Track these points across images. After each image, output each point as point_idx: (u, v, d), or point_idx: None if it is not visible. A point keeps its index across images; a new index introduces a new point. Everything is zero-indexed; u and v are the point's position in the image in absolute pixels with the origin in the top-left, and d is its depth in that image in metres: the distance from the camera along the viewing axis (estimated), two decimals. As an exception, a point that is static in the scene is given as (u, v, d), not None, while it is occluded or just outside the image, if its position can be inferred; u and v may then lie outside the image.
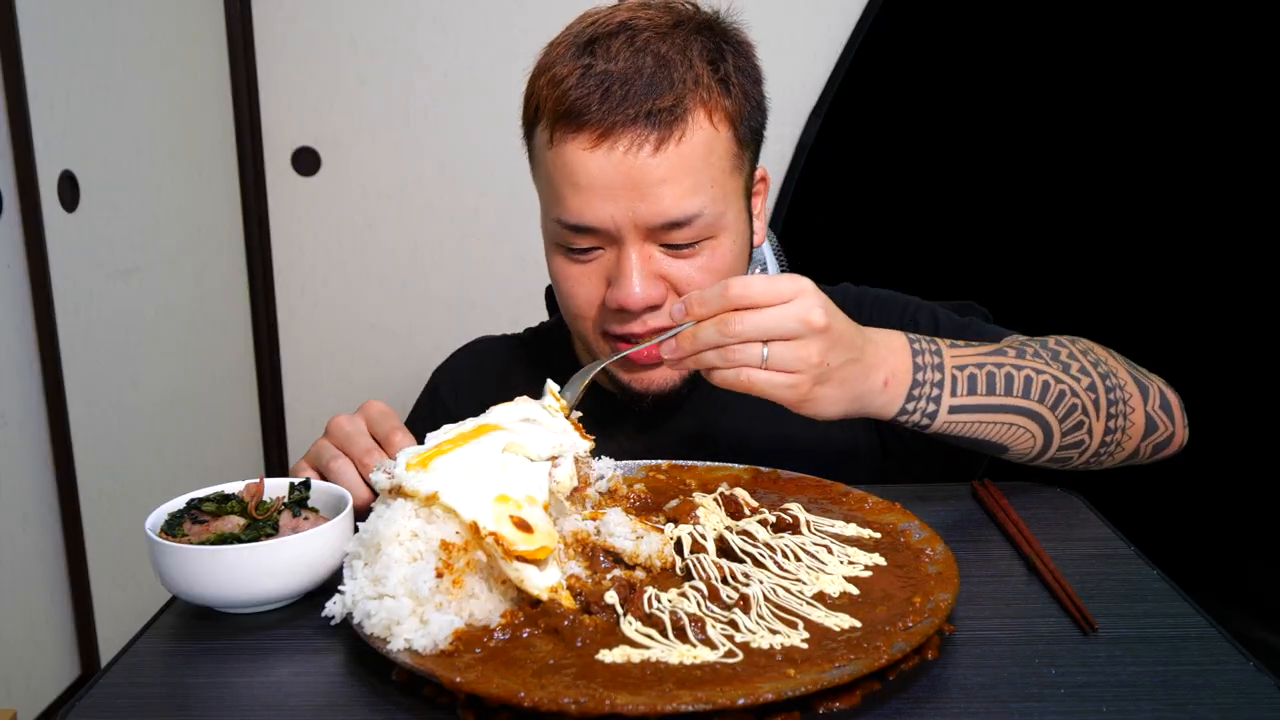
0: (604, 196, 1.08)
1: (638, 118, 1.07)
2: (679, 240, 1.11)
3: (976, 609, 0.85)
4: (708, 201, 1.10)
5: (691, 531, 0.91)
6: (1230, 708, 0.72)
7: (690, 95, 1.09)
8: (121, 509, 2.18)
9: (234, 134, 2.72)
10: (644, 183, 1.07)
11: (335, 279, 2.87)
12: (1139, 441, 1.14)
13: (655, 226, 1.09)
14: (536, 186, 1.20)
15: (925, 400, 1.03)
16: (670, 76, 1.08)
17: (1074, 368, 1.10)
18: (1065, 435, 1.09)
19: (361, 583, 0.81)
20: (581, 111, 1.07)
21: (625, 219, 1.09)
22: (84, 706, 0.76)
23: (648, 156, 1.07)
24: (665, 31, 1.11)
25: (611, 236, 1.10)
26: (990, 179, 2.83)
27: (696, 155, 1.09)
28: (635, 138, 1.07)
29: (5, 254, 1.89)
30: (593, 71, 1.08)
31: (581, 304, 1.16)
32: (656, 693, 0.69)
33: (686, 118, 1.09)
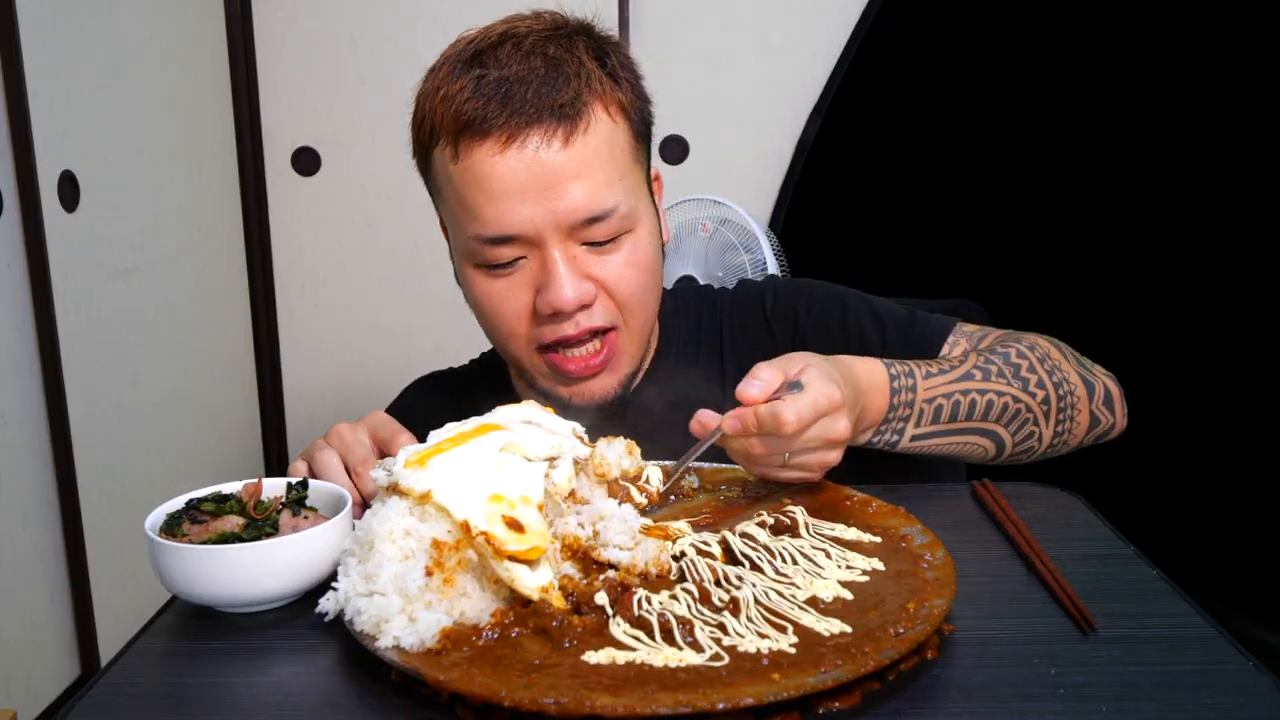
0: (520, 199, 1.08)
1: (542, 114, 1.07)
2: (599, 236, 1.11)
3: (976, 609, 0.85)
4: (621, 194, 1.11)
5: (694, 541, 0.90)
6: (1230, 708, 0.71)
7: (586, 90, 1.10)
8: (121, 509, 2.18)
9: (234, 134, 2.72)
10: (558, 180, 1.08)
11: (335, 279, 2.87)
12: (1083, 436, 1.21)
13: (575, 224, 1.09)
14: (442, 214, 1.19)
15: (890, 433, 1.11)
16: (565, 73, 1.09)
17: (1032, 381, 1.16)
18: (1016, 445, 1.17)
19: (354, 580, 0.81)
20: (484, 118, 1.07)
21: (545, 220, 1.09)
22: (84, 706, 0.76)
23: (558, 151, 1.07)
24: (549, 35, 1.13)
25: (532, 241, 1.10)
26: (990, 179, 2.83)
27: (603, 147, 1.10)
28: (544, 133, 1.07)
29: (5, 254, 1.89)
30: (486, 80, 1.09)
31: (510, 320, 1.15)
32: (638, 695, 0.69)
33: (587, 111, 1.09)
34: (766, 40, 2.60)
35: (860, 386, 1.05)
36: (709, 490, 1.07)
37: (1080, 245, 2.91)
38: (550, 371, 1.18)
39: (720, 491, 1.06)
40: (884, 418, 1.09)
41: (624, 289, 1.14)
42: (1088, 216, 2.92)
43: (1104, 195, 2.90)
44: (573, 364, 1.16)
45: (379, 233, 2.83)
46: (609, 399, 1.19)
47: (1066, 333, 1.22)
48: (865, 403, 1.06)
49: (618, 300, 1.15)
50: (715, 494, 1.06)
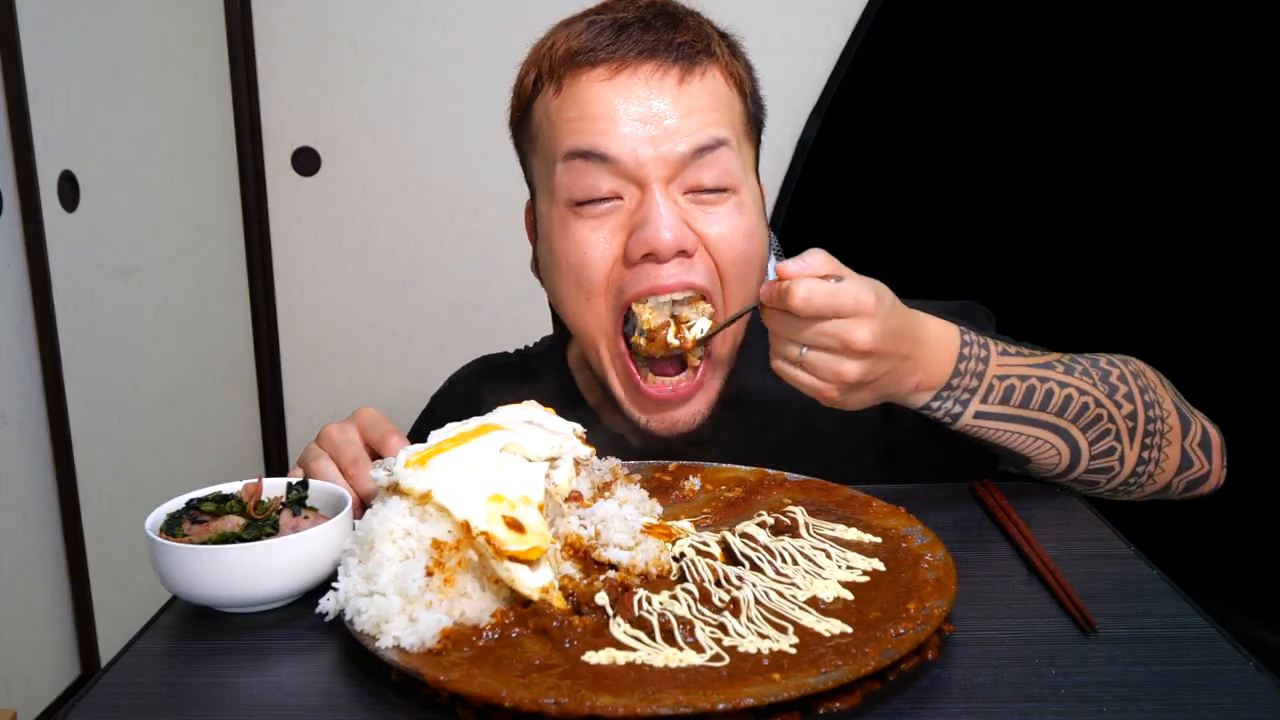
0: (623, 124, 1.02)
1: (658, 48, 1.03)
2: (705, 183, 1.05)
3: (976, 609, 0.85)
4: (730, 139, 1.05)
5: (694, 541, 0.90)
6: (1230, 708, 0.72)
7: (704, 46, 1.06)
8: (121, 509, 2.18)
9: (234, 134, 2.72)
10: (667, 114, 1.02)
11: (335, 279, 2.87)
12: (1172, 476, 1.12)
13: (680, 158, 1.03)
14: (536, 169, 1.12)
15: (952, 402, 1.02)
16: (686, 24, 1.06)
17: (1120, 392, 1.08)
18: (1094, 459, 1.07)
19: (355, 580, 0.81)
20: (593, 48, 1.03)
21: (647, 154, 1.02)
22: (84, 706, 0.76)
23: (672, 86, 1.02)
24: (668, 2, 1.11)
25: (632, 176, 1.03)
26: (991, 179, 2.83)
27: (718, 99, 1.05)
28: (658, 66, 1.02)
29: (5, 254, 1.89)
30: (601, 19, 1.05)
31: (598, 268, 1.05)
32: (638, 695, 0.69)
33: (704, 61, 1.05)
34: (766, 40, 2.59)
35: (922, 339, 0.99)
36: (709, 490, 1.07)
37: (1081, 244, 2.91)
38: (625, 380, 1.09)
39: (720, 491, 1.06)
40: (947, 383, 1.00)
41: (726, 250, 1.06)
42: (1088, 216, 2.92)
43: (1104, 194, 2.90)
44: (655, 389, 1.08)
45: (379, 233, 2.83)
46: (694, 425, 1.11)
47: (1066, 332, 1.21)
48: (925, 356, 0.99)
49: (719, 261, 1.06)
50: (715, 494, 1.06)
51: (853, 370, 0.94)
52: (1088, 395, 1.07)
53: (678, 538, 0.92)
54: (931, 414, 1.04)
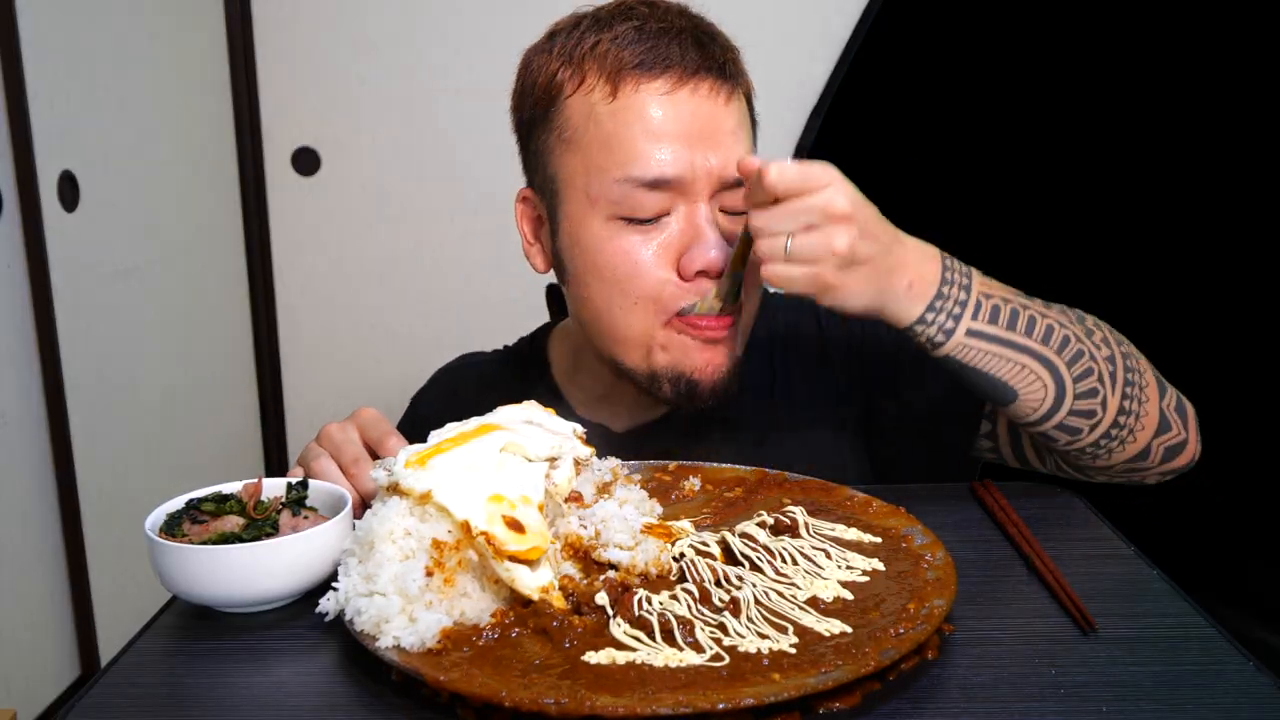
0: (684, 143, 1.05)
1: (712, 65, 1.06)
2: (738, 205, 1.08)
3: (976, 609, 0.85)
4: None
5: (693, 541, 0.90)
6: (1230, 708, 0.72)
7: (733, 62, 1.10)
8: (121, 509, 2.18)
9: (234, 134, 2.72)
10: (718, 131, 1.06)
11: (335, 279, 2.87)
12: (1151, 437, 1.09)
13: (728, 180, 1.07)
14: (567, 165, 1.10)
15: (945, 315, 1.01)
16: (718, 39, 1.10)
17: (1096, 336, 1.07)
18: (1078, 399, 1.04)
19: (354, 580, 0.81)
20: (653, 59, 1.04)
21: (702, 169, 1.06)
22: (84, 706, 0.76)
23: (723, 105, 1.07)
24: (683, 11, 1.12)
25: (685, 191, 1.06)
26: (991, 179, 2.83)
27: (746, 118, 1.11)
28: (714, 84, 1.06)
29: (5, 254, 1.89)
30: (647, 28, 1.06)
31: (650, 280, 1.08)
32: (639, 695, 0.69)
33: (737, 79, 1.10)
34: (767, 40, 2.59)
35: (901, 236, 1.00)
36: (709, 490, 1.07)
37: (1080, 244, 2.91)
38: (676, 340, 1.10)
39: (720, 491, 1.06)
40: (938, 291, 1.00)
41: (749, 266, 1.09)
42: (1089, 216, 2.92)
43: (1105, 194, 2.90)
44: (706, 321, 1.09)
45: (379, 233, 2.83)
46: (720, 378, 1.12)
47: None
48: (908, 257, 0.99)
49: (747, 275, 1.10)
50: (715, 494, 1.06)
51: (841, 239, 0.94)
52: (1068, 330, 1.05)
53: (678, 538, 0.92)
54: (924, 330, 1.01)
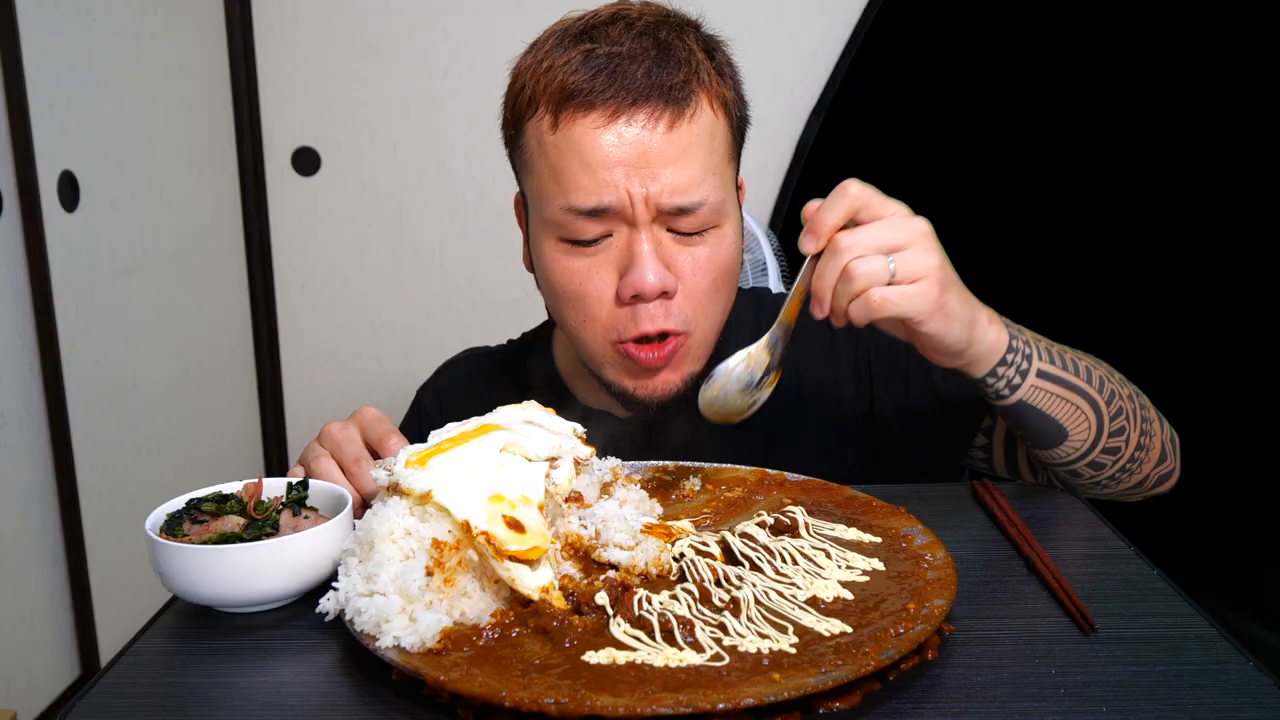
0: (619, 173, 1.05)
1: (651, 93, 1.05)
2: (687, 227, 1.09)
3: (976, 609, 0.85)
4: (713, 187, 1.09)
5: (693, 541, 0.90)
6: (1230, 708, 0.72)
7: (695, 78, 1.08)
8: (121, 509, 2.18)
9: (234, 134, 2.72)
10: (658, 160, 1.06)
11: (335, 279, 2.87)
12: (1152, 467, 1.14)
13: (667, 209, 1.07)
14: (528, 186, 1.16)
15: (1020, 357, 1.01)
16: (676, 57, 1.08)
17: (1116, 376, 1.11)
18: (1110, 436, 1.08)
19: (355, 580, 0.81)
20: (591, 90, 1.05)
21: (639, 196, 1.06)
22: (84, 706, 0.76)
23: (663, 134, 1.06)
24: (660, 20, 1.11)
25: (624, 217, 1.08)
26: (991, 179, 2.84)
27: (704, 138, 1.08)
28: (651, 113, 1.05)
29: (5, 254, 1.89)
30: (596, 54, 1.07)
31: (592, 302, 1.12)
32: (639, 695, 0.69)
33: (694, 99, 1.08)
34: (767, 40, 2.60)
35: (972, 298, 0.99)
36: (709, 490, 1.07)
37: (1080, 243, 2.91)
38: (620, 360, 1.14)
39: (720, 491, 1.06)
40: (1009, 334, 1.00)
41: (701, 284, 1.11)
42: (1089, 216, 2.92)
43: (1105, 194, 2.90)
44: (644, 352, 1.12)
45: (379, 233, 2.83)
46: (671, 395, 1.15)
47: (1065, 331, 1.21)
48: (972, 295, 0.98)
49: (694, 296, 1.12)
50: (715, 494, 1.06)
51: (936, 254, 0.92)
52: (1098, 369, 1.09)
53: (678, 538, 0.92)
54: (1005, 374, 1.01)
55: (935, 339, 0.95)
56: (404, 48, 2.71)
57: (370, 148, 2.78)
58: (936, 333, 0.94)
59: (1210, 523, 2.77)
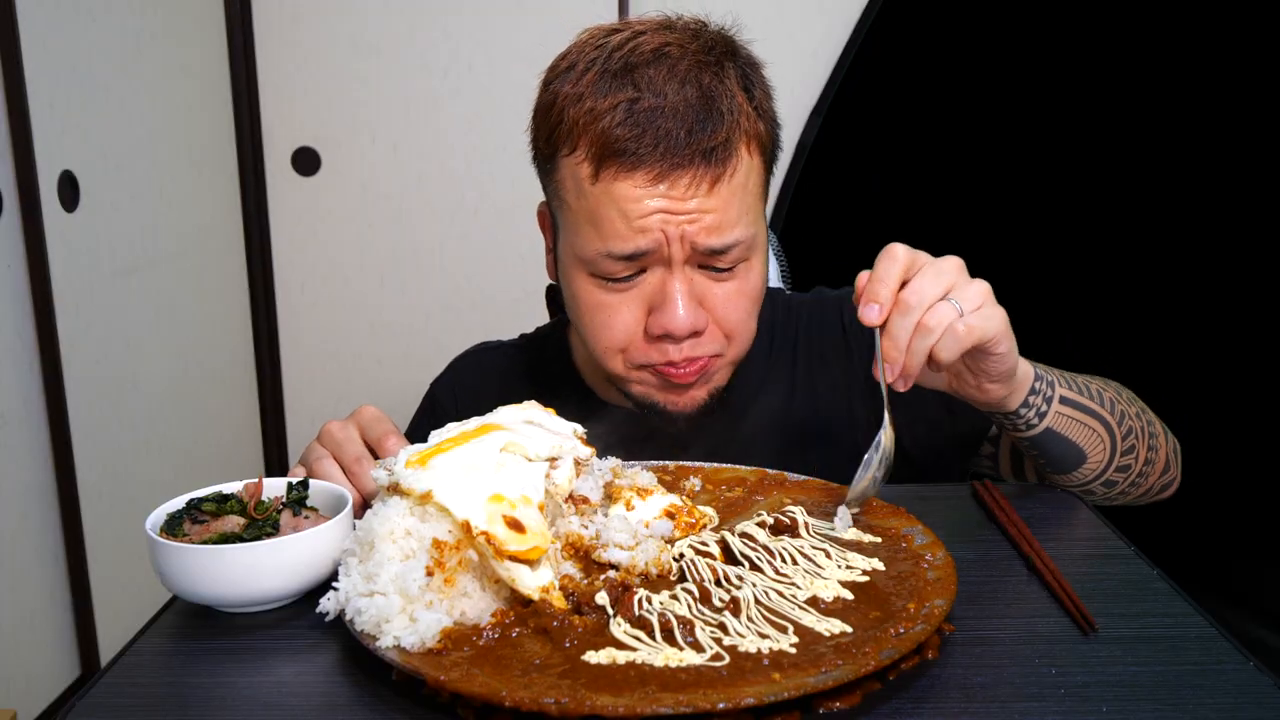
0: (656, 220, 1.07)
1: (695, 157, 1.06)
2: (722, 264, 1.11)
3: (976, 609, 0.85)
4: (746, 227, 1.10)
5: (692, 542, 0.90)
6: (1230, 708, 0.72)
7: (736, 129, 1.09)
8: (121, 509, 2.18)
9: (234, 134, 2.72)
10: (697, 214, 1.07)
11: (335, 279, 2.87)
12: (1157, 478, 1.17)
13: (702, 249, 1.08)
14: (560, 215, 1.16)
15: (1044, 384, 1.06)
16: (718, 109, 1.08)
17: (1125, 394, 1.15)
18: (1122, 455, 1.12)
19: (355, 579, 0.81)
20: (635, 152, 1.06)
21: (675, 237, 1.07)
22: (84, 706, 0.76)
23: (704, 193, 1.07)
24: (703, 60, 1.10)
25: (660, 258, 1.09)
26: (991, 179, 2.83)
27: (740, 187, 1.09)
28: (694, 178, 1.06)
29: (5, 254, 1.89)
30: (639, 107, 1.06)
31: (617, 335, 1.13)
32: (639, 695, 0.69)
33: (734, 155, 1.08)
34: (766, 40, 2.60)
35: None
36: (709, 490, 1.07)
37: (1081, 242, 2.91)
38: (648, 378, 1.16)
39: (720, 492, 1.06)
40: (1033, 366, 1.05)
41: (733, 316, 1.13)
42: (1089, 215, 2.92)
43: (1105, 194, 2.90)
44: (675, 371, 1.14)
45: (379, 233, 2.83)
46: (698, 408, 1.17)
47: (1067, 332, 1.22)
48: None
49: (725, 328, 1.14)
50: (715, 494, 1.06)
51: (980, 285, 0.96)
52: (1107, 391, 1.13)
53: (704, 523, 0.94)
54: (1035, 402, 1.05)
55: (1005, 359, 0.98)
56: (404, 48, 2.71)
57: (370, 148, 2.78)
58: (1008, 351, 0.98)
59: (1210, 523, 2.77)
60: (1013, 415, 1.06)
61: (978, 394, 1.03)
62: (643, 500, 0.96)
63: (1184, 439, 1.21)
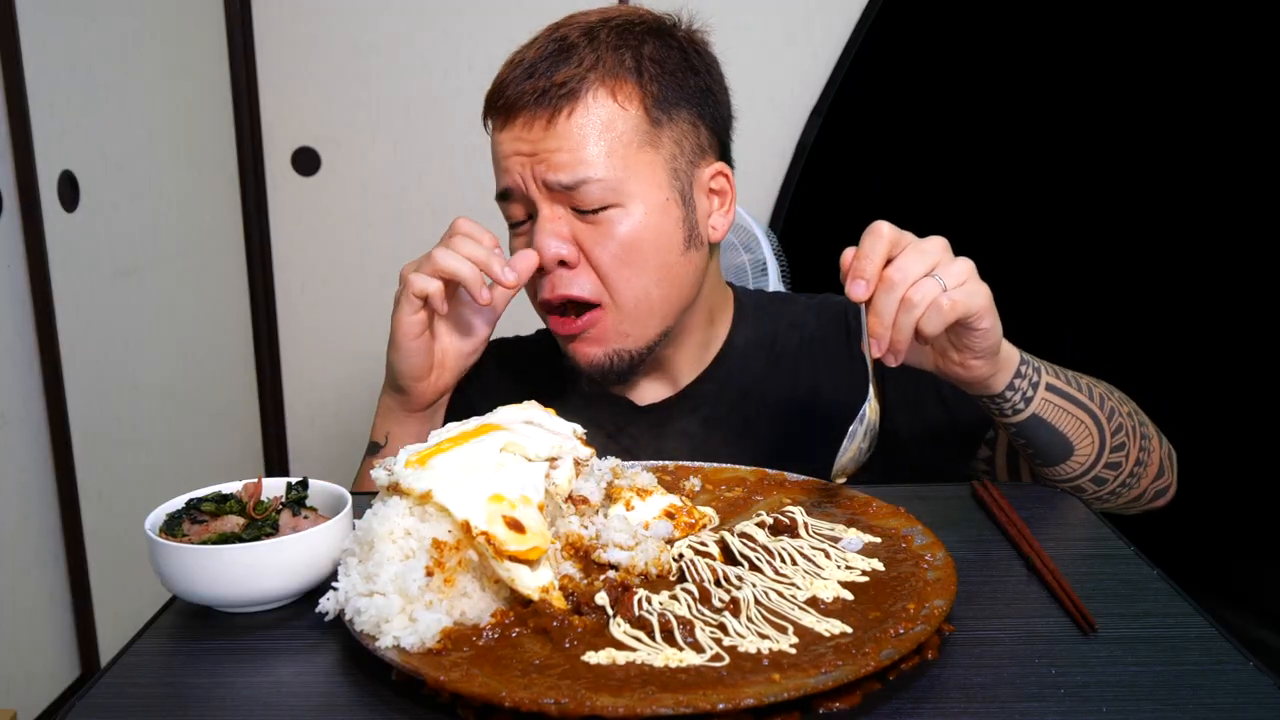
0: (515, 162, 1.19)
1: (527, 96, 1.18)
2: (582, 204, 1.18)
3: (976, 609, 0.85)
4: (602, 169, 1.17)
5: (692, 542, 0.90)
6: (1230, 708, 0.72)
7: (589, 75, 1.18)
8: (121, 509, 2.18)
9: (234, 134, 2.72)
10: (543, 148, 1.17)
11: (335, 279, 2.87)
12: (1150, 482, 1.18)
13: (553, 185, 1.17)
14: None
15: (1030, 369, 1.08)
16: (569, 58, 1.18)
17: (1116, 394, 1.16)
18: (1111, 452, 1.13)
19: (354, 579, 0.81)
20: (497, 100, 1.21)
21: (528, 176, 1.19)
22: (84, 706, 0.76)
23: (541, 130, 1.17)
24: (594, 25, 1.21)
25: (524, 198, 1.20)
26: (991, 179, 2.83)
27: (593, 127, 1.17)
28: (529, 116, 1.18)
29: (5, 254, 1.89)
30: (519, 61, 1.21)
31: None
32: (639, 695, 0.69)
33: (578, 95, 1.17)
34: (766, 40, 2.60)
35: None
36: (709, 490, 1.07)
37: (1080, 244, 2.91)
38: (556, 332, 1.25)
39: (720, 492, 1.06)
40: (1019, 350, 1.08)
41: (602, 257, 1.19)
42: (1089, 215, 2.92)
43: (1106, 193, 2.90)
44: (556, 322, 1.24)
45: (379, 233, 2.83)
46: (596, 366, 1.24)
47: (1065, 331, 1.23)
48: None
49: (598, 269, 1.20)
50: (715, 494, 1.06)
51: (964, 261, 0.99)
52: (1098, 387, 1.14)
53: (703, 522, 0.94)
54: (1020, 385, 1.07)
55: (988, 335, 1.01)
56: (404, 48, 2.71)
57: (370, 148, 2.78)
58: (991, 326, 1.00)
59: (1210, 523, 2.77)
60: (998, 399, 1.08)
61: (963, 371, 1.05)
62: (642, 500, 0.96)
63: (1185, 439, 1.21)
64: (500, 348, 1.46)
